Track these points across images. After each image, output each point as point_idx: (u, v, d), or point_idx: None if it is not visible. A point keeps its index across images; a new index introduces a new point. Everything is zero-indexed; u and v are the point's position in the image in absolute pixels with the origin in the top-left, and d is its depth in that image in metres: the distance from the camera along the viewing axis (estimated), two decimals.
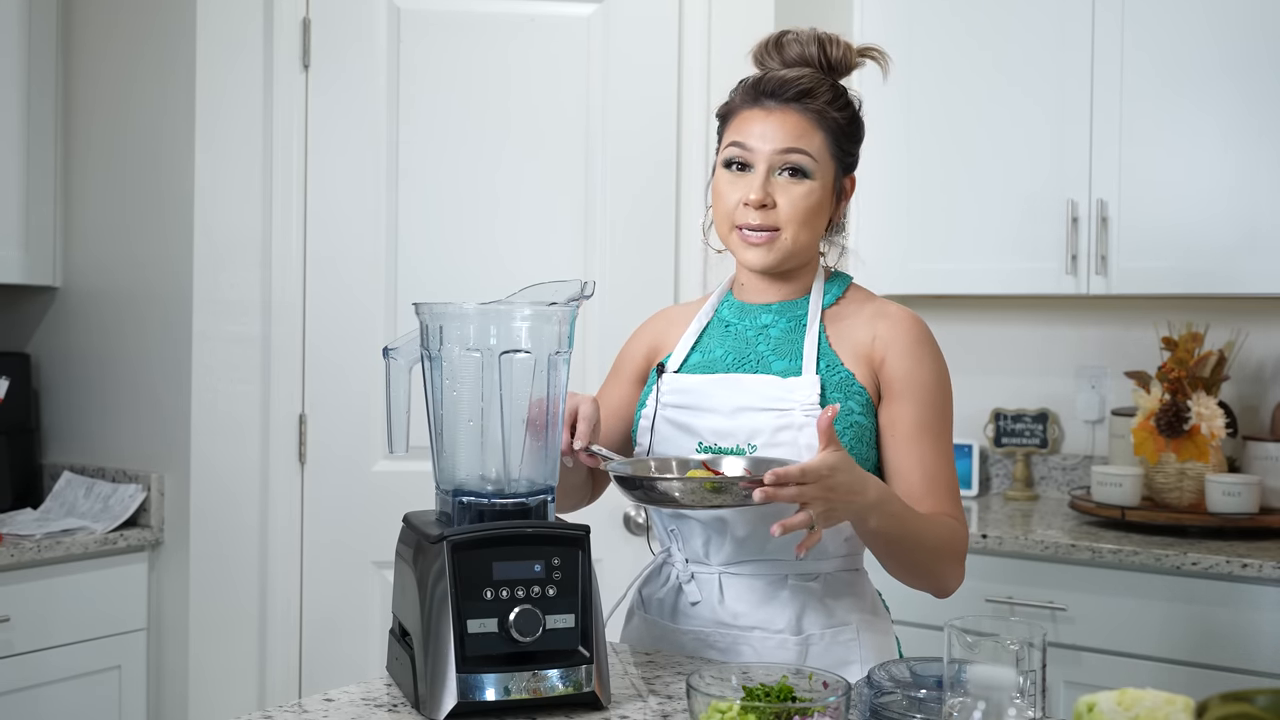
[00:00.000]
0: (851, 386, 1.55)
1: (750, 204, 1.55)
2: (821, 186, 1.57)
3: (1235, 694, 0.81)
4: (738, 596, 1.58)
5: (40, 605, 2.51)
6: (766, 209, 1.55)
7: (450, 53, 2.70)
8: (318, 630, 2.68)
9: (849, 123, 1.60)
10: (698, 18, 2.73)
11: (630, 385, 1.75)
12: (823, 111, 1.57)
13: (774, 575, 1.57)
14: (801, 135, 1.56)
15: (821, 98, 1.57)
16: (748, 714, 1.13)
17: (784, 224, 1.56)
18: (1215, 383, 2.71)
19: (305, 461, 2.68)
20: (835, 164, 1.59)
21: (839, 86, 1.61)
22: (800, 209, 1.56)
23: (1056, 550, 2.53)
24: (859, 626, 1.58)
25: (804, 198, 1.56)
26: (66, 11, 2.85)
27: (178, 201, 2.67)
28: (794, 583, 1.57)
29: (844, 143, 1.60)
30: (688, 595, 1.62)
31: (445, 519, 1.43)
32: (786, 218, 1.56)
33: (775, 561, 1.57)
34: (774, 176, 1.56)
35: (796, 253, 1.59)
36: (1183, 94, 2.72)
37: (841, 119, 1.59)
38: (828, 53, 1.60)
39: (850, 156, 1.63)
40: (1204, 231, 2.70)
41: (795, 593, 1.57)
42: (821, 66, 1.60)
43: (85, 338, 2.84)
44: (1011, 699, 1.06)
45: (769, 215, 1.56)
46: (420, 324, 1.46)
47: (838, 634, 1.56)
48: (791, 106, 1.57)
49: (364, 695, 1.43)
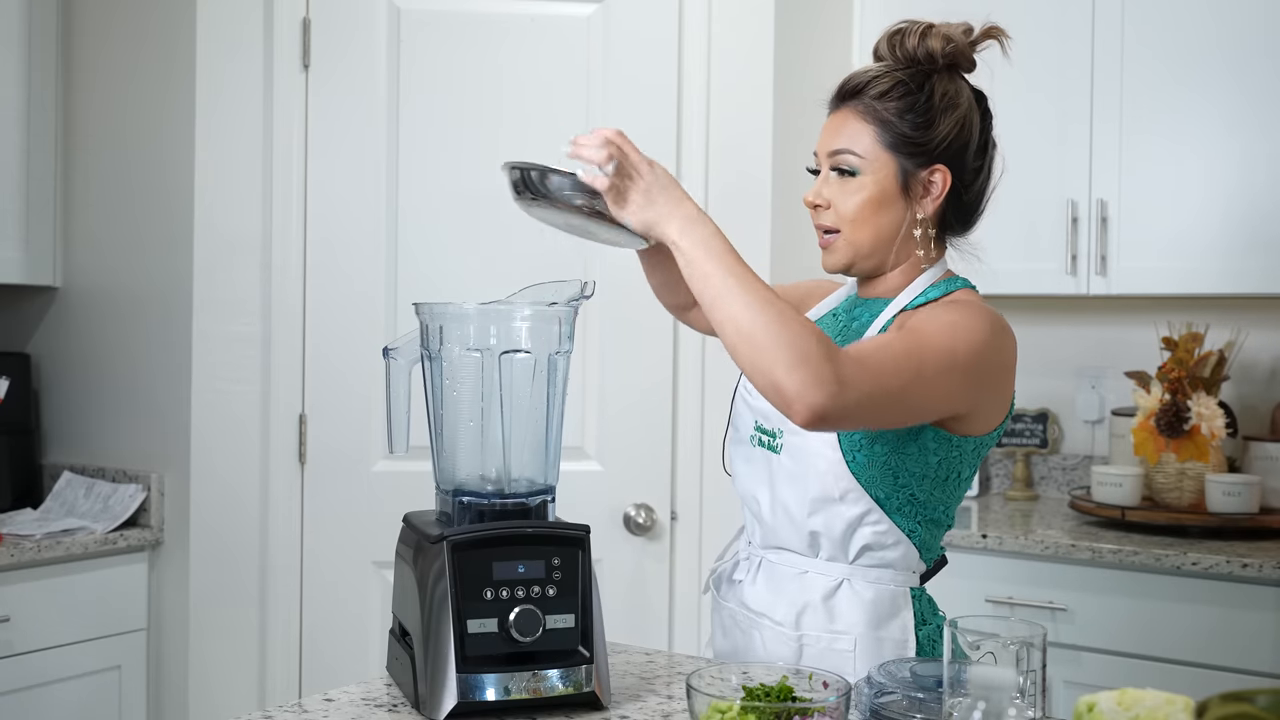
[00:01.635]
0: None
1: (807, 205, 1.58)
2: (875, 182, 1.53)
3: (1235, 694, 0.81)
4: (763, 582, 1.60)
5: (40, 605, 2.51)
6: (820, 209, 1.56)
7: (450, 53, 2.70)
8: (318, 630, 2.68)
9: (907, 110, 1.53)
10: (698, 18, 2.73)
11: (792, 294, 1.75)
12: (870, 107, 1.54)
13: (794, 569, 1.57)
14: (849, 134, 1.55)
15: (870, 92, 1.54)
16: (748, 714, 1.13)
17: (840, 224, 1.55)
18: (1215, 383, 2.71)
19: (305, 461, 2.68)
20: (895, 157, 1.53)
21: (897, 75, 1.55)
22: (850, 207, 1.54)
23: (1056, 550, 2.53)
24: (860, 639, 1.53)
25: (852, 195, 1.54)
26: (66, 11, 2.85)
27: (178, 201, 2.67)
28: (809, 579, 1.56)
29: (905, 132, 1.53)
30: (737, 574, 1.65)
31: (445, 519, 1.43)
32: (840, 217, 1.55)
33: (796, 555, 1.57)
34: (830, 179, 1.56)
35: (862, 252, 1.55)
36: (1183, 94, 2.72)
37: (895, 108, 1.53)
38: (904, 44, 1.56)
39: (920, 146, 1.53)
40: (1204, 231, 2.70)
41: (804, 590, 1.56)
42: (899, 61, 1.57)
43: (85, 338, 2.84)
44: (1011, 699, 1.06)
45: (824, 216, 1.56)
46: (420, 324, 1.46)
47: (834, 641, 1.53)
48: (844, 107, 1.57)
49: (364, 695, 1.43)
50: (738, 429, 1.66)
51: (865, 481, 1.50)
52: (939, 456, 1.51)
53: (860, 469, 1.49)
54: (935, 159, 1.54)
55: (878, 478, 1.50)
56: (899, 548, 1.53)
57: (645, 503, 2.68)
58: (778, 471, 1.56)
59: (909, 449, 1.49)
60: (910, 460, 1.50)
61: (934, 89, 1.55)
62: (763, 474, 1.59)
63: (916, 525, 1.54)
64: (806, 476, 1.52)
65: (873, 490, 1.50)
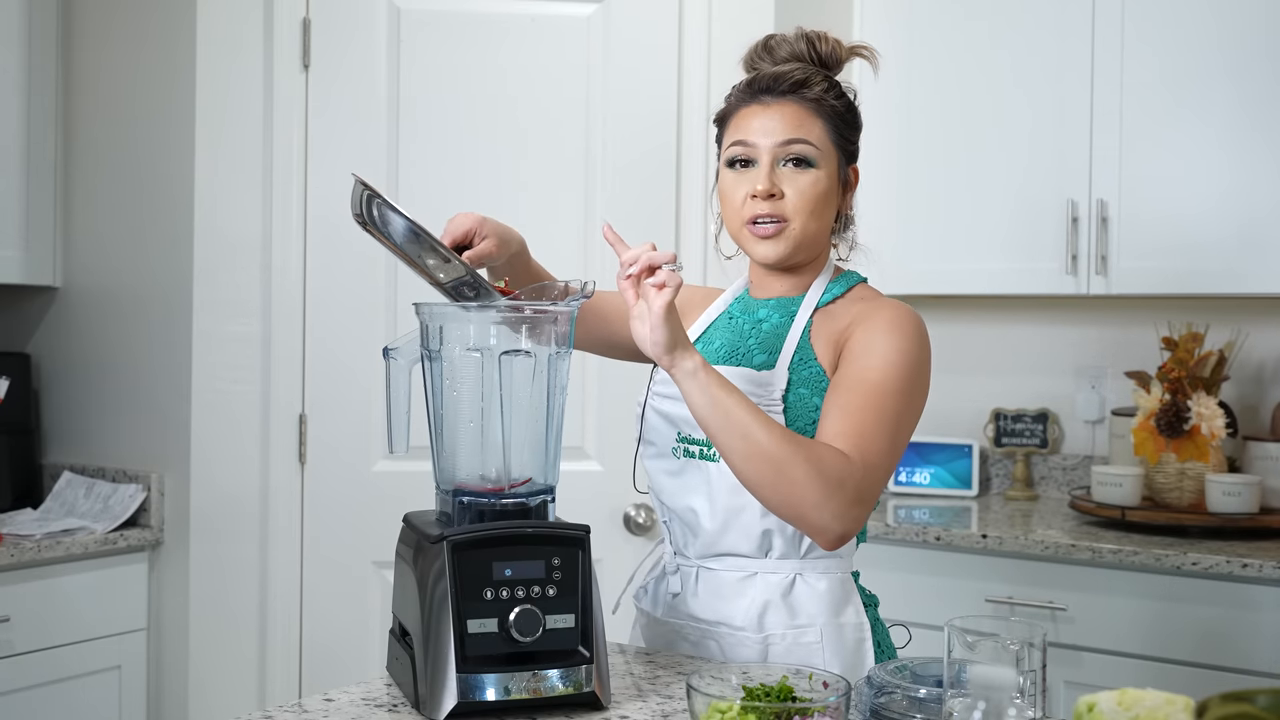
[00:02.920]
0: (820, 383, 1.54)
1: (759, 195, 1.55)
2: (827, 175, 1.57)
3: (1235, 694, 0.81)
4: (707, 591, 1.60)
5: (40, 605, 2.51)
6: (775, 199, 1.55)
7: (450, 53, 2.70)
8: (318, 630, 2.68)
9: (847, 110, 1.60)
10: (698, 18, 2.73)
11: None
12: (820, 100, 1.58)
13: (742, 572, 1.58)
14: (801, 125, 1.56)
15: (817, 87, 1.58)
16: (748, 714, 1.13)
17: (792, 214, 1.56)
18: (1215, 383, 2.71)
19: (305, 461, 2.68)
20: (838, 153, 1.59)
21: (833, 77, 1.61)
22: (808, 197, 1.56)
23: (1056, 550, 2.53)
24: (824, 629, 1.56)
25: (811, 186, 1.56)
26: (67, 11, 2.85)
27: (178, 201, 2.67)
28: (760, 580, 1.57)
29: (845, 130, 1.60)
30: (670, 587, 1.65)
31: (445, 519, 1.43)
32: (795, 208, 1.55)
33: (744, 558, 1.58)
34: (778, 168, 1.56)
35: (806, 244, 1.58)
36: (1183, 93, 2.72)
37: (840, 106, 1.59)
38: (817, 48, 1.61)
39: (852, 145, 1.62)
40: (1204, 231, 2.70)
41: (760, 590, 1.57)
42: (813, 61, 1.61)
43: (85, 338, 2.84)
44: (1011, 699, 1.06)
45: (777, 205, 1.55)
46: (420, 324, 1.46)
47: (800, 635, 1.55)
48: (789, 98, 1.58)
49: (364, 695, 1.43)
50: (653, 443, 1.65)
51: None
52: None
53: None
54: (853, 158, 1.64)
55: None
56: None
57: (645, 503, 2.68)
58: (718, 479, 1.56)
59: None
60: None
61: (853, 93, 1.64)
62: (697, 484, 1.59)
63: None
64: None
65: None
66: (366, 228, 1.44)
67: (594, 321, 1.75)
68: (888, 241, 3.01)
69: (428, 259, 1.42)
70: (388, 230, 1.42)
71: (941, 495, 3.15)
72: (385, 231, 1.42)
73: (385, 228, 1.42)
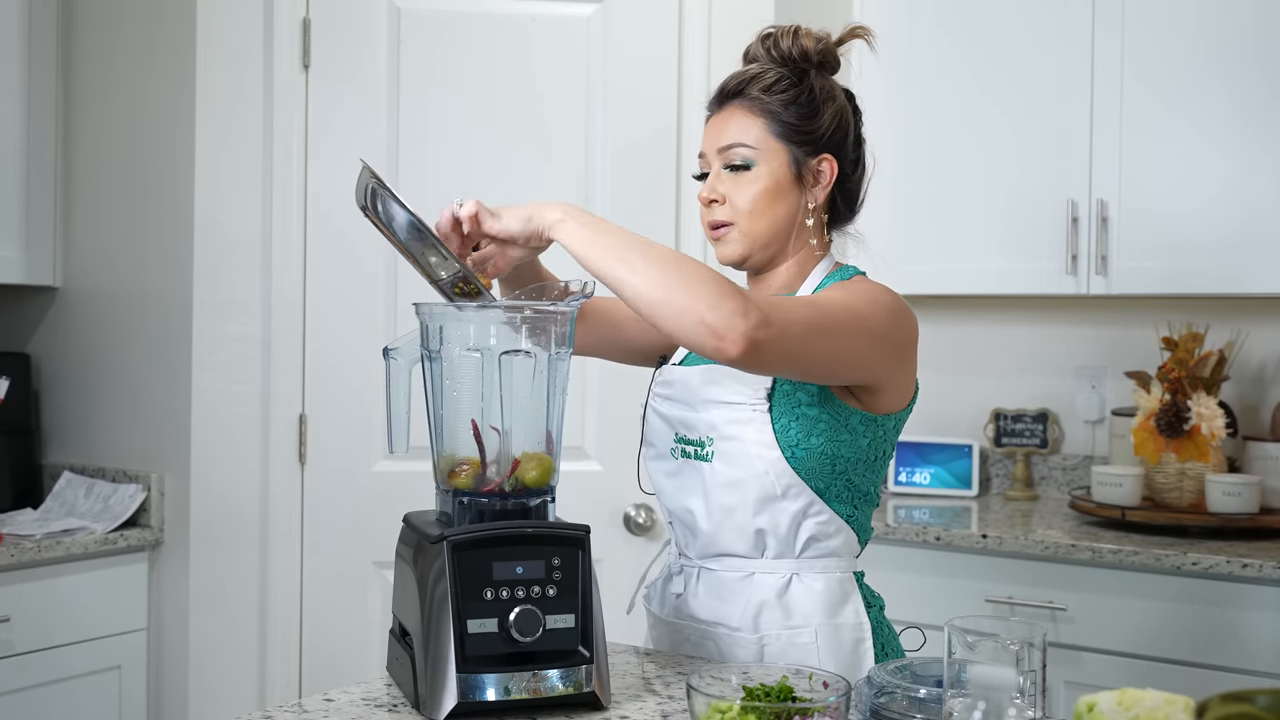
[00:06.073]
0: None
1: (702, 202, 1.61)
2: (769, 173, 1.57)
3: (1235, 694, 0.81)
4: (707, 592, 1.61)
5: (40, 605, 2.51)
6: (716, 204, 1.59)
7: (450, 53, 2.70)
8: (318, 630, 2.68)
9: (791, 101, 1.58)
10: (698, 18, 2.73)
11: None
12: (756, 99, 1.58)
13: (740, 573, 1.59)
14: (737, 129, 1.59)
15: (755, 86, 1.59)
16: (748, 714, 1.13)
17: (734, 216, 1.58)
18: (1215, 383, 2.71)
19: (305, 462, 2.68)
20: (786, 146, 1.58)
21: (779, 71, 1.59)
22: (745, 199, 1.57)
23: (1056, 550, 2.53)
24: (819, 629, 1.56)
25: (747, 187, 1.58)
26: (67, 12, 2.85)
27: (178, 201, 2.67)
28: (758, 580, 1.57)
29: (792, 121, 1.57)
30: (673, 587, 1.66)
31: (445, 519, 1.43)
32: (736, 211, 1.58)
33: (741, 559, 1.58)
34: (723, 174, 1.60)
35: (761, 242, 1.59)
36: (1183, 94, 2.72)
37: (780, 100, 1.58)
38: (780, 46, 1.61)
39: (808, 135, 1.58)
40: (1204, 231, 2.70)
41: (755, 591, 1.57)
42: (775, 61, 1.61)
43: (85, 338, 2.84)
44: (1011, 699, 1.06)
45: (719, 211, 1.59)
46: (420, 324, 1.46)
47: (795, 636, 1.55)
48: (731, 103, 1.61)
49: (364, 695, 1.43)
50: (653, 444, 1.67)
51: (805, 475, 1.54)
52: (869, 439, 1.56)
53: (800, 463, 1.53)
54: (822, 148, 1.60)
55: (817, 469, 1.54)
56: (840, 535, 1.58)
57: (645, 503, 2.68)
58: (711, 479, 1.57)
59: (842, 436, 1.54)
60: (844, 447, 1.55)
61: (812, 83, 1.60)
62: (693, 484, 1.60)
63: (854, 509, 1.59)
64: (745, 479, 1.55)
65: (813, 482, 1.54)
66: (367, 213, 1.44)
67: (606, 330, 1.76)
68: (888, 242, 3.01)
69: (429, 256, 1.42)
70: (390, 223, 1.42)
71: (941, 495, 3.15)
72: (389, 225, 1.42)
73: (389, 222, 1.42)
